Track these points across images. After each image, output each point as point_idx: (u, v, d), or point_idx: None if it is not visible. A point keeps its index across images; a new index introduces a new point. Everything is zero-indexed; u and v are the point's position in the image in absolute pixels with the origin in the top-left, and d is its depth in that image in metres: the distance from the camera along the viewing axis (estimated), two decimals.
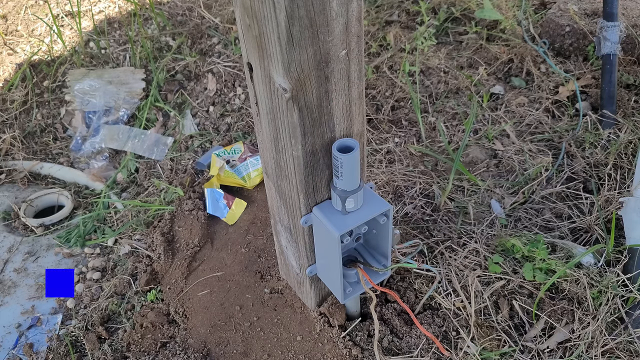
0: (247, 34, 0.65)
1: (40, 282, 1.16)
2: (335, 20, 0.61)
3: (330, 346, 0.92)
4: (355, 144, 0.69)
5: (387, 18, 1.80)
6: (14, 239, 1.27)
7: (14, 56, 1.81)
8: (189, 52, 1.71)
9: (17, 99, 1.61)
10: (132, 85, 1.61)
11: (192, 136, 1.48)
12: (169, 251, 1.16)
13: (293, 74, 0.61)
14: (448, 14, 1.78)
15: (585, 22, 1.58)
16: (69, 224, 1.30)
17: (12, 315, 1.10)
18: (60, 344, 1.03)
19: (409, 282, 1.02)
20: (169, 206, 1.24)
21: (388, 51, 1.66)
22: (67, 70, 1.68)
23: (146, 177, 1.39)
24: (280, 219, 0.88)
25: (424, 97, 1.52)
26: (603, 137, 1.32)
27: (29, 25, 1.96)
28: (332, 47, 0.63)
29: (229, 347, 0.97)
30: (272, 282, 1.05)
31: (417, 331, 0.94)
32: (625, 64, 1.52)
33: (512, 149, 1.34)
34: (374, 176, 1.28)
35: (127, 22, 1.85)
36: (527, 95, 1.51)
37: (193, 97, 1.59)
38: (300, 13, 0.57)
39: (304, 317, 0.98)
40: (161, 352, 0.99)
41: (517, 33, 1.68)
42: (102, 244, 1.23)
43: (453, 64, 1.62)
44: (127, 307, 1.08)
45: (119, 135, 1.50)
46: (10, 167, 1.45)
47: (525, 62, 1.58)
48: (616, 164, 1.25)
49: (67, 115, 1.59)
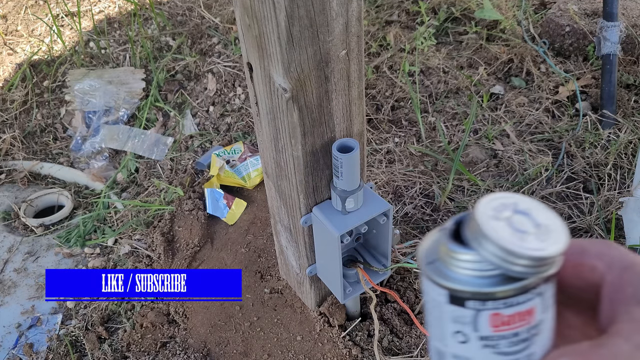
0: (247, 33, 0.65)
1: (40, 282, 1.16)
2: (335, 20, 0.61)
3: (330, 346, 0.92)
4: (355, 143, 0.69)
5: (387, 18, 1.80)
6: (14, 239, 1.27)
7: (14, 56, 1.81)
8: (189, 52, 1.71)
9: (17, 99, 1.61)
10: (132, 85, 1.61)
11: (192, 136, 1.48)
12: (169, 251, 1.16)
13: (293, 74, 0.61)
14: (448, 14, 1.78)
15: (585, 22, 1.58)
16: (69, 224, 1.30)
17: (12, 315, 1.10)
18: (60, 343, 1.03)
19: (409, 282, 1.02)
20: (169, 206, 1.24)
21: (388, 51, 1.66)
22: (67, 70, 1.68)
23: (146, 177, 1.39)
24: (280, 219, 0.88)
25: (424, 97, 1.52)
26: (603, 137, 1.32)
27: (29, 25, 1.96)
28: (332, 47, 0.63)
29: (228, 347, 0.97)
30: (272, 282, 1.05)
31: (417, 331, 0.94)
32: (625, 64, 1.52)
33: (512, 149, 1.34)
34: (374, 176, 1.28)
35: (127, 22, 1.85)
36: (527, 95, 1.51)
37: (193, 97, 1.59)
38: (300, 13, 0.57)
39: (304, 317, 0.98)
40: (161, 352, 0.99)
41: (517, 33, 1.67)
42: (102, 244, 1.23)
43: (453, 64, 1.62)
44: (127, 307, 1.08)
45: (119, 135, 1.50)
46: (10, 167, 1.45)
47: (525, 62, 1.58)
48: (616, 164, 1.25)
49: (67, 115, 1.59)
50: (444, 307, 0.30)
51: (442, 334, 0.31)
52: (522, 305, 0.29)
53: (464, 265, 0.29)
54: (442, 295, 0.29)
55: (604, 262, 0.31)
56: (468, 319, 0.29)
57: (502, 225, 0.28)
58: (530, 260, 0.27)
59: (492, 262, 0.28)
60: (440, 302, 0.30)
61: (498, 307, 0.28)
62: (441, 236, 0.30)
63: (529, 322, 0.29)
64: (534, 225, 0.29)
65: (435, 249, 0.31)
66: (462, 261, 0.29)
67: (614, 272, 0.31)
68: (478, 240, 0.28)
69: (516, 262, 0.27)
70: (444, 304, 0.30)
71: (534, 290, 0.28)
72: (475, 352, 0.30)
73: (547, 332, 0.30)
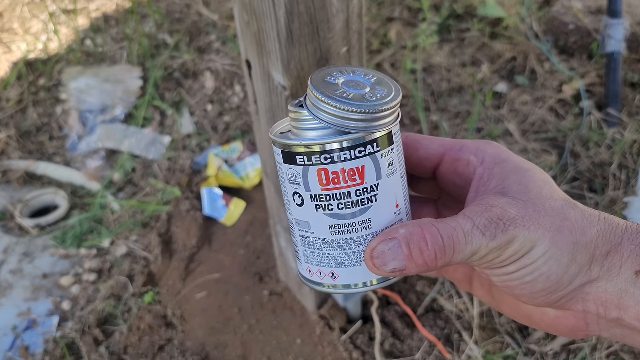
0: (245, 31, 0.63)
1: (36, 284, 1.14)
2: (336, 17, 0.59)
3: (330, 349, 0.91)
4: None
5: (389, 15, 1.78)
6: (10, 240, 1.25)
7: (9, 54, 1.79)
8: (187, 50, 1.69)
9: (12, 97, 1.59)
10: (129, 84, 1.59)
11: (190, 135, 1.46)
12: (167, 253, 1.14)
13: (292, 72, 0.60)
14: (450, 11, 1.76)
15: (590, 19, 1.56)
16: (65, 225, 1.28)
17: (8, 317, 1.08)
18: (56, 346, 1.01)
19: (411, 284, 1.00)
20: (166, 207, 1.22)
21: (390, 49, 1.64)
22: (63, 69, 1.66)
23: (143, 177, 1.37)
24: (279, 219, 0.86)
25: (427, 95, 1.50)
26: (608, 136, 1.30)
27: (25, 23, 1.93)
28: (333, 44, 0.61)
29: (227, 351, 0.95)
30: (271, 285, 1.04)
31: (419, 334, 0.92)
32: (630, 62, 1.50)
33: (516, 148, 1.32)
34: None
35: (124, 20, 1.83)
36: (531, 93, 1.49)
37: (191, 96, 1.58)
38: (300, 9, 0.55)
39: (304, 320, 0.96)
40: (159, 355, 0.97)
41: (520, 31, 1.65)
42: (98, 245, 1.21)
43: (456, 62, 1.60)
44: (124, 309, 1.06)
45: (115, 134, 1.48)
46: (6, 167, 1.44)
47: (529, 60, 1.56)
48: (621, 163, 1.23)
49: (63, 114, 1.57)
50: (282, 169, 0.30)
51: (287, 200, 0.31)
52: (349, 163, 0.28)
53: (302, 125, 0.29)
54: (278, 155, 0.30)
55: (479, 158, 0.32)
56: (300, 177, 0.29)
57: (334, 85, 0.29)
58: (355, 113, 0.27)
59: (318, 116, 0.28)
60: (279, 163, 0.31)
61: (324, 162, 0.28)
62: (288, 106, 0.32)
63: (359, 183, 0.29)
64: (367, 85, 0.30)
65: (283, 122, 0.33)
66: (301, 121, 0.29)
67: (485, 167, 0.31)
68: (310, 98, 0.29)
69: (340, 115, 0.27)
70: (281, 165, 0.30)
71: (362, 148, 0.28)
72: (311, 214, 0.30)
73: (387, 204, 0.30)
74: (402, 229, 0.28)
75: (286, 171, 0.30)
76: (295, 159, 0.29)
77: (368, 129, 0.28)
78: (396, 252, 0.28)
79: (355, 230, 0.29)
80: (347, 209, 0.29)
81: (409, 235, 0.28)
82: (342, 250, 0.30)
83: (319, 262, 0.31)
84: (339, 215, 0.29)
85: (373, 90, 0.29)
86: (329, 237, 0.30)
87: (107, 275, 1.15)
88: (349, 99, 0.28)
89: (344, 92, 0.28)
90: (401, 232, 0.28)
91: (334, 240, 0.30)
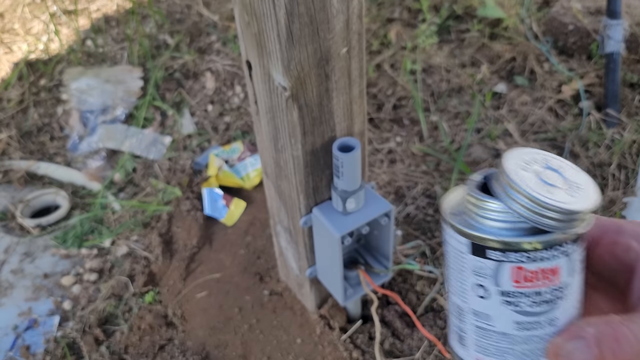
0: (246, 31, 0.63)
1: (37, 283, 1.15)
2: (336, 18, 0.59)
3: (330, 349, 0.91)
4: (356, 143, 0.68)
5: (389, 15, 1.79)
6: (11, 240, 1.25)
7: (10, 55, 1.79)
8: (187, 50, 1.69)
9: (13, 97, 1.59)
10: (130, 84, 1.60)
11: (191, 135, 1.47)
12: (167, 252, 1.14)
13: (293, 72, 0.60)
14: (450, 12, 1.77)
15: (589, 20, 1.56)
16: (65, 225, 1.28)
17: (9, 317, 1.09)
18: (57, 346, 1.01)
19: (410, 284, 1.00)
20: (167, 207, 1.23)
21: (389, 49, 1.64)
22: (64, 69, 1.66)
23: (144, 177, 1.37)
24: (279, 219, 0.86)
25: (426, 95, 1.51)
26: (607, 136, 1.30)
27: (26, 24, 1.94)
28: (333, 44, 0.61)
29: (227, 350, 0.95)
30: (271, 284, 1.04)
31: (418, 333, 0.92)
32: (629, 62, 1.51)
33: None
34: (375, 176, 1.26)
35: (125, 20, 1.83)
36: (530, 94, 1.49)
37: (191, 96, 1.58)
38: (300, 10, 0.56)
39: (304, 319, 0.96)
40: (159, 354, 0.97)
41: (520, 31, 1.66)
42: (99, 245, 1.22)
43: (455, 62, 1.60)
44: (124, 309, 1.07)
45: (116, 134, 1.48)
46: (7, 167, 1.44)
47: (528, 60, 1.56)
48: (620, 163, 1.23)
49: (64, 115, 1.58)
50: (465, 258, 0.29)
51: (462, 288, 0.30)
52: (547, 262, 0.27)
53: (489, 215, 0.28)
54: (464, 244, 0.29)
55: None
56: (489, 271, 0.28)
57: (531, 177, 0.27)
58: (558, 213, 0.26)
59: (518, 211, 0.26)
60: (461, 252, 0.29)
61: (521, 260, 0.27)
62: (467, 188, 0.30)
63: (553, 283, 0.28)
64: (564, 181, 0.28)
65: (459, 201, 0.30)
66: (487, 210, 0.28)
67: None
68: (505, 188, 0.27)
69: (543, 213, 0.26)
70: (466, 254, 0.29)
71: (560, 247, 0.27)
72: (495, 308, 0.29)
73: (572, 300, 0.29)
74: (590, 328, 0.26)
75: (471, 262, 0.28)
76: (486, 252, 0.28)
77: (567, 229, 0.27)
78: (584, 352, 0.26)
79: (541, 327, 0.28)
80: (538, 307, 0.28)
81: (599, 335, 0.26)
82: (524, 346, 0.29)
83: (495, 354, 0.29)
84: (528, 312, 0.28)
85: (570, 184, 0.28)
86: (513, 332, 0.29)
87: (108, 275, 1.15)
88: (549, 195, 0.26)
89: (543, 185, 0.27)
90: (589, 330, 0.26)
91: (517, 335, 0.29)
